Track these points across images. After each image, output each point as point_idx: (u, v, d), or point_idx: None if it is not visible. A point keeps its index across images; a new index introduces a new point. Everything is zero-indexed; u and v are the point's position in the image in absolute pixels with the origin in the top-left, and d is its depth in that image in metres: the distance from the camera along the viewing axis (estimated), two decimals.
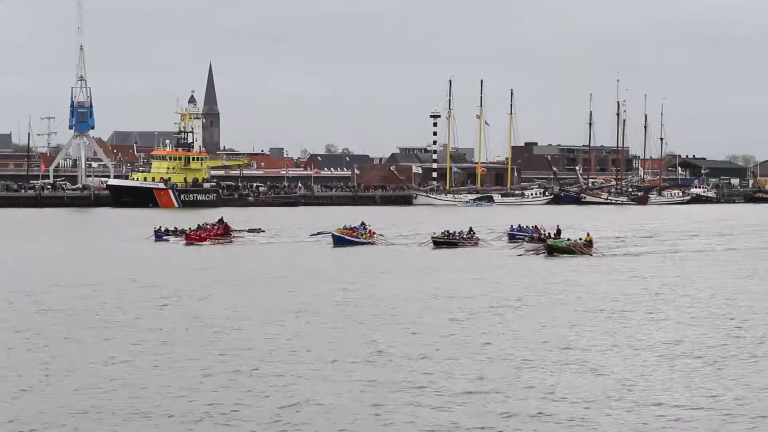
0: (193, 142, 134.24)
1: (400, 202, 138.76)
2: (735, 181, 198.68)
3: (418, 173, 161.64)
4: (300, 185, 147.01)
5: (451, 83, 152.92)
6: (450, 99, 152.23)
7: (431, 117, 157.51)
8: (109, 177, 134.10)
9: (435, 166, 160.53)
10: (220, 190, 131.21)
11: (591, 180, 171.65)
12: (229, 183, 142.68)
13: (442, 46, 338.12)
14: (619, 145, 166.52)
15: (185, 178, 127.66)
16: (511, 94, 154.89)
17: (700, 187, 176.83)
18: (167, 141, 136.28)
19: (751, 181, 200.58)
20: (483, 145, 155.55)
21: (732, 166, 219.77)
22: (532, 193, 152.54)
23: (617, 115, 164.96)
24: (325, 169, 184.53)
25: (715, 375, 21.56)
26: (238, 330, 26.94)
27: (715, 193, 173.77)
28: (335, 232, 59.52)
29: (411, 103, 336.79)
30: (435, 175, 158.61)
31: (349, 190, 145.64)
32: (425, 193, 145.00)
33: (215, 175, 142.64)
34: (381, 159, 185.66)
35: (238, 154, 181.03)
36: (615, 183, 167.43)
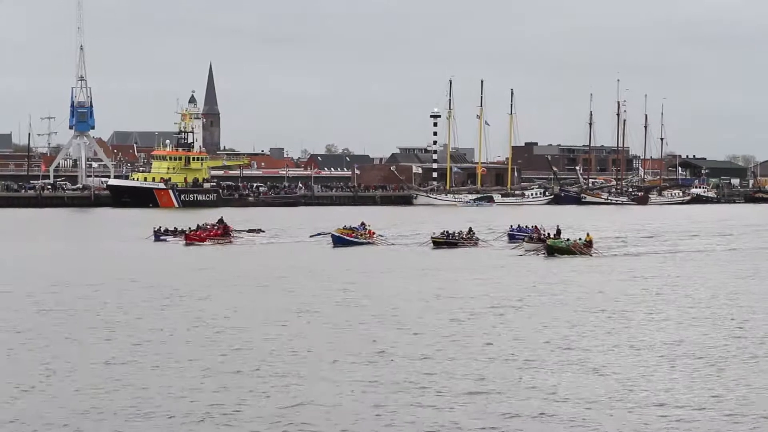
0: (193, 143, 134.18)
1: (401, 202, 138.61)
2: (735, 181, 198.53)
3: (419, 173, 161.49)
4: (300, 185, 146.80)
5: (451, 83, 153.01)
6: (450, 99, 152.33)
7: (431, 117, 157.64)
8: (109, 177, 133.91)
9: (435, 166, 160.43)
10: (221, 191, 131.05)
11: (591, 180, 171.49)
12: (230, 183, 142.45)
13: (442, 46, 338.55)
14: (620, 145, 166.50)
15: (185, 179, 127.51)
16: (511, 94, 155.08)
17: (700, 188, 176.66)
18: (167, 141, 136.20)
19: (751, 181, 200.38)
20: (483, 145, 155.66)
21: (732, 167, 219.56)
22: (533, 193, 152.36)
23: (617, 115, 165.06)
24: (326, 169, 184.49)
25: (716, 375, 21.56)
26: (239, 330, 26.93)
27: (715, 193, 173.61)
28: (335, 232, 59.52)
29: (411, 103, 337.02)
30: (435, 175, 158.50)
31: (349, 191, 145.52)
32: (425, 193, 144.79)
33: (215, 175, 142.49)
34: (381, 159, 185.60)
35: (239, 154, 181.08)
36: (615, 183, 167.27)
